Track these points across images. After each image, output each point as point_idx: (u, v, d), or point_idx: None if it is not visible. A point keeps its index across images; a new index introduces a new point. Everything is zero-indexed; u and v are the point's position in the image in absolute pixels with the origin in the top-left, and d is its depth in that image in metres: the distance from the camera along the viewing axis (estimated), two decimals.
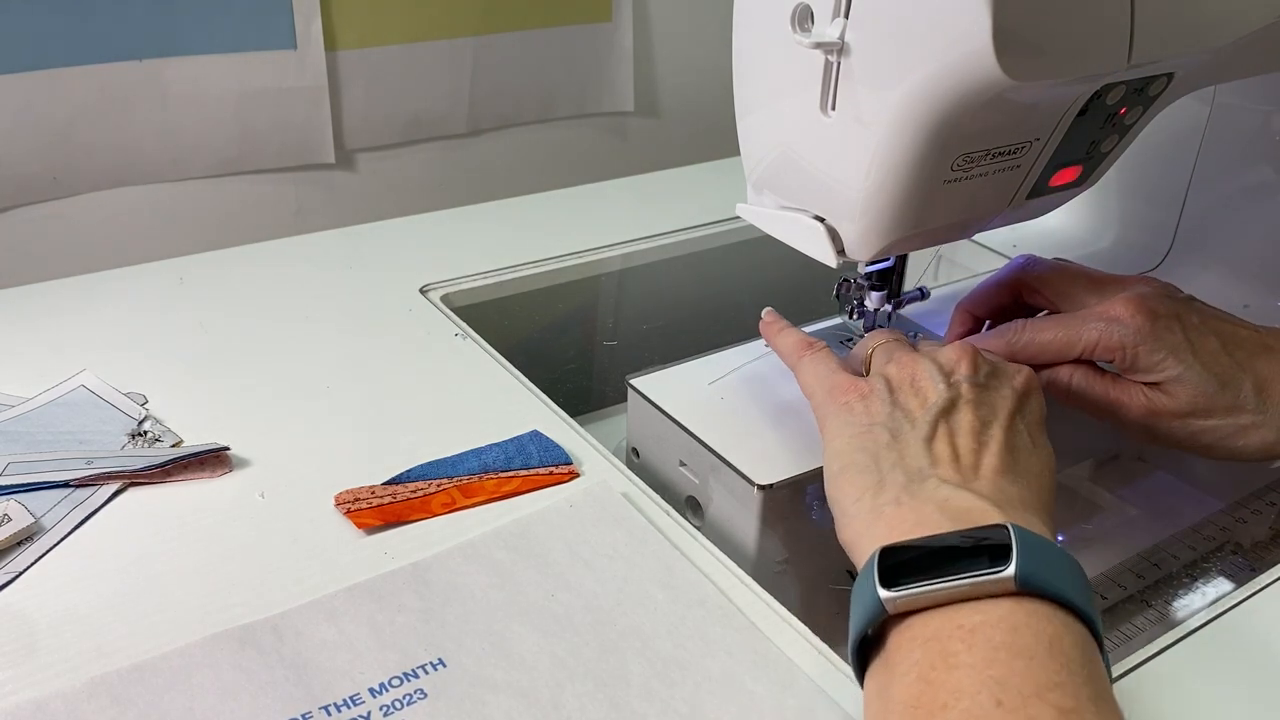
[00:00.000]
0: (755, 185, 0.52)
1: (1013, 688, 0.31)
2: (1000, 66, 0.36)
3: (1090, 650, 0.33)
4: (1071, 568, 0.35)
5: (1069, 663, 0.32)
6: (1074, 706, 0.30)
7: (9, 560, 0.43)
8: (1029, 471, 0.40)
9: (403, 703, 0.37)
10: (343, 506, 0.46)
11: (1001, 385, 0.43)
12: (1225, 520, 0.56)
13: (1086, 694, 0.31)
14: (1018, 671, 0.31)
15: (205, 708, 0.36)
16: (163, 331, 0.60)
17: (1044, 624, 0.33)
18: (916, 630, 0.34)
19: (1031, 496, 0.39)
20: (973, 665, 0.32)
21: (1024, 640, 0.32)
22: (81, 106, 0.85)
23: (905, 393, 0.43)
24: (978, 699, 0.31)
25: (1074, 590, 0.34)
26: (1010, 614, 0.33)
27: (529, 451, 0.50)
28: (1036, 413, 0.44)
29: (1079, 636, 0.33)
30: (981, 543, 0.34)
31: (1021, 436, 0.41)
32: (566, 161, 1.14)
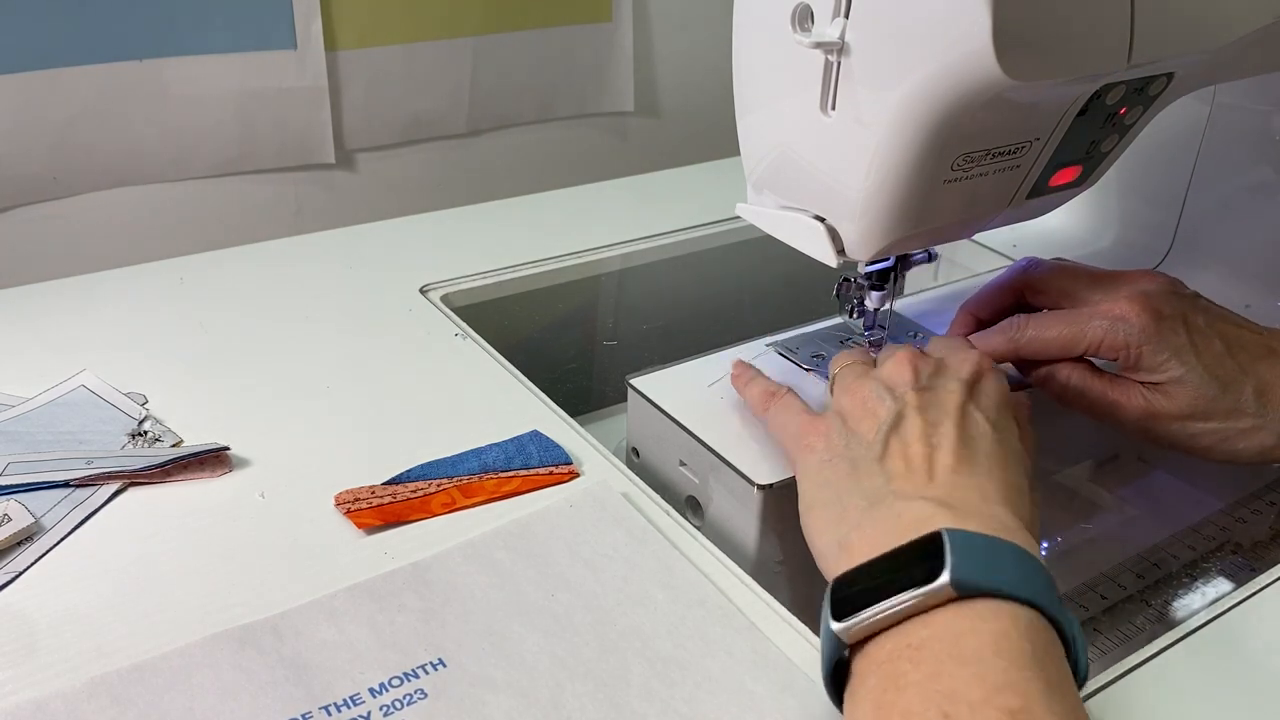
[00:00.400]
0: (755, 185, 0.52)
1: (960, 698, 0.30)
2: (1000, 66, 0.36)
3: (1041, 638, 0.32)
4: (1014, 556, 0.34)
5: (1017, 658, 0.31)
6: (1023, 705, 0.30)
7: (9, 560, 0.43)
8: (990, 456, 0.40)
9: (403, 703, 0.36)
10: (343, 506, 0.46)
11: (947, 381, 0.43)
12: (1225, 520, 0.56)
13: (1037, 689, 0.31)
14: (964, 680, 0.31)
15: (205, 708, 0.36)
16: (163, 331, 0.60)
17: (988, 624, 0.32)
18: (872, 656, 0.34)
19: (993, 484, 0.38)
20: (920, 683, 0.31)
21: (969, 646, 0.32)
22: (81, 106, 0.85)
23: (857, 419, 0.42)
24: (926, 716, 0.30)
25: (1016, 581, 0.33)
26: (953, 622, 0.32)
27: (529, 451, 0.50)
28: (992, 395, 0.43)
29: (1028, 627, 0.32)
30: (922, 554, 0.34)
31: (977, 424, 0.41)
32: (566, 161, 1.14)
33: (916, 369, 0.43)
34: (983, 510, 0.37)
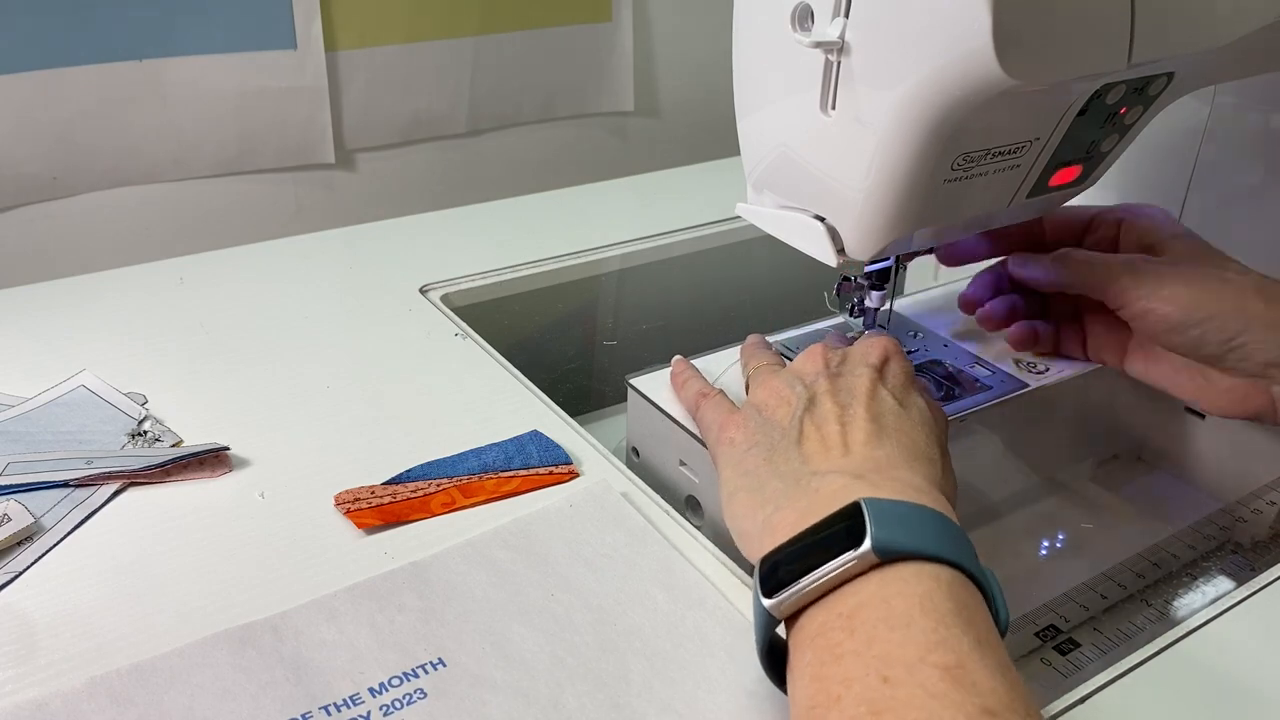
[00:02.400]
0: (755, 185, 0.52)
1: (896, 661, 0.31)
2: (1000, 66, 0.36)
3: (964, 595, 0.33)
4: (930, 519, 0.35)
5: (944, 617, 0.32)
6: (956, 661, 0.31)
7: (9, 560, 0.43)
8: (900, 429, 0.41)
9: (403, 702, 0.36)
10: (343, 506, 0.46)
11: (855, 366, 0.44)
12: (1225, 520, 0.56)
13: (967, 644, 0.31)
14: (897, 643, 0.32)
15: (205, 707, 0.36)
16: (163, 331, 0.60)
17: (913, 586, 0.33)
18: (806, 629, 0.34)
19: (903, 452, 0.39)
20: (856, 651, 0.32)
21: (898, 609, 0.32)
22: (81, 106, 0.85)
23: (772, 408, 0.43)
24: (866, 682, 0.31)
25: (934, 543, 0.34)
26: (881, 587, 0.33)
27: (529, 451, 0.50)
28: (899, 376, 0.44)
29: (951, 586, 0.33)
30: (844, 524, 0.35)
31: (885, 403, 0.42)
32: (566, 161, 1.14)
33: (826, 359, 0.45)
34: (896, 477, 0.38)
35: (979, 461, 0.56)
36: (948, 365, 0.56)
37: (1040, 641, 0.43)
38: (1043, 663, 0.42)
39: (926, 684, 0.30)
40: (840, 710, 0.31)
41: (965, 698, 0.30)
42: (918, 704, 0.30)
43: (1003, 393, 0.54)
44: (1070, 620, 0.44)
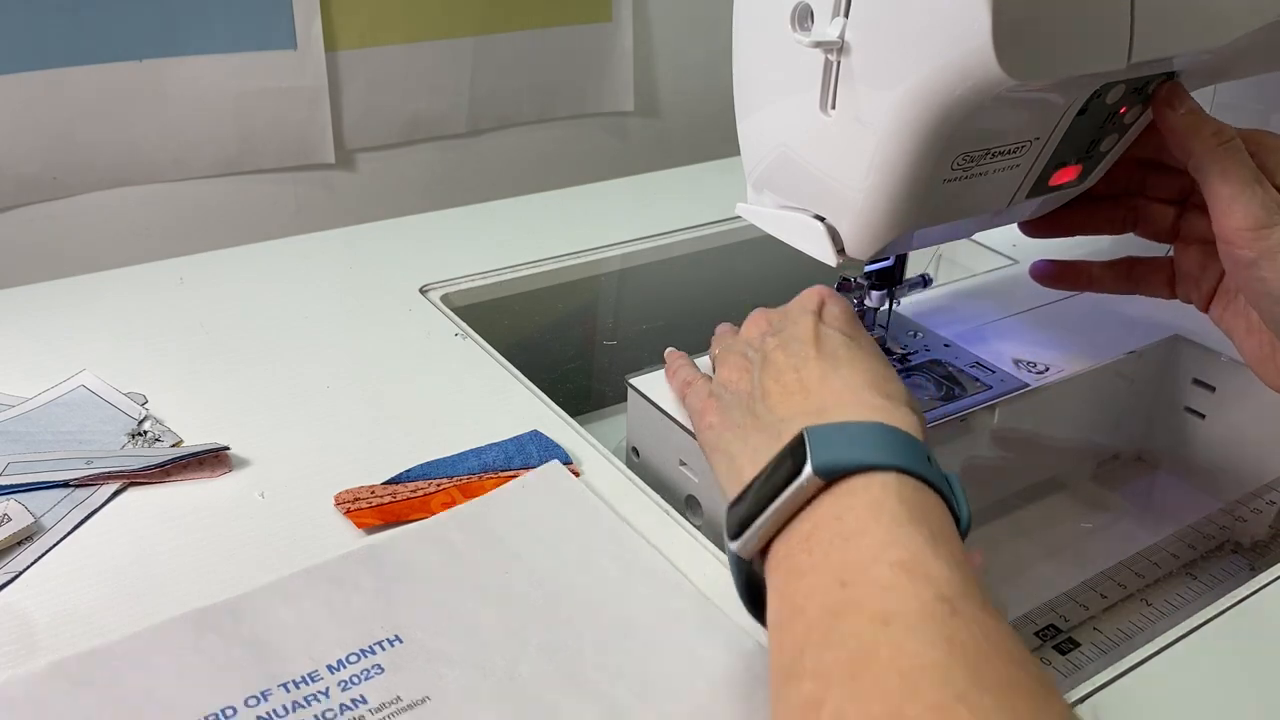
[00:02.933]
0: (755, 185, 0.52)
1: (852, 564, 0.32)
2: (1000, 65, 0.36)
3: (915, 497, 0.34)
4: (873, 432, 0.36)
5: (895, 518, 0.33)
6: (910, 556, 0.32)
7: (9, 560, 0.43)
8: (854, 360, 0.42)
9: (360, 678, 0.37)
10: (342, 506, 0.46)
11: (796, 317, 0.45)
12: (1225, 520, 0.56)
13: (920, 540, 0.32)
14: (853, 549, 0.33)
15: (164, 688, 0.36)
16: (163, 331, 0.60)
17: (862, 497, 0.34)
18: (774, 560, 0.36)
19: (858, 375, 0.41)
20: (815, 566, 0.33)
21: (850, 522, 0.34)
22: (81, 106, 0.85)
23: (735, 383, 0.45)
24: (826, 590, 0.32)
25: (876, 452, 0.35)
26: (833, 504, 0.35)
27: (529, 451, 0.50)
28: (839, 315, 0.45)
29: (900, 490, 0.34)
30: (791, 457, 0.36)
31: (833, 339, 0.43)
32: (566, 161, 1.14)
33: (768, 320, 0.47)
34: (853, 401, 0.39)
35: (979, 461, 0.56)
36: (948, 365, 0.56)
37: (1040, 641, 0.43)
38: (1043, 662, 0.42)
39: (881, 580, 0.31)
40: (804, 619, 0.32)
41: (920, 588, 0.31)
42: (873, 599, 0.31)
43: (1003, 393, 0.54)
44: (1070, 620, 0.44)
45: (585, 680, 0.38)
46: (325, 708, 0.36)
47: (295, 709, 0.36)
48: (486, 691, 0.37)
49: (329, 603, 0.40)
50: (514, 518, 0.45)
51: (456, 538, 0.44)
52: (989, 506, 0.60)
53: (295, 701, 0.36)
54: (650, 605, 0.41)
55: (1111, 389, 0.60)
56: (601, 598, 0.41)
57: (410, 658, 0.38)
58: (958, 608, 0.30)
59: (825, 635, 0.31)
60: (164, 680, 0.37)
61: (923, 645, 0.29)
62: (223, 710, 0.35)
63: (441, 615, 0.40)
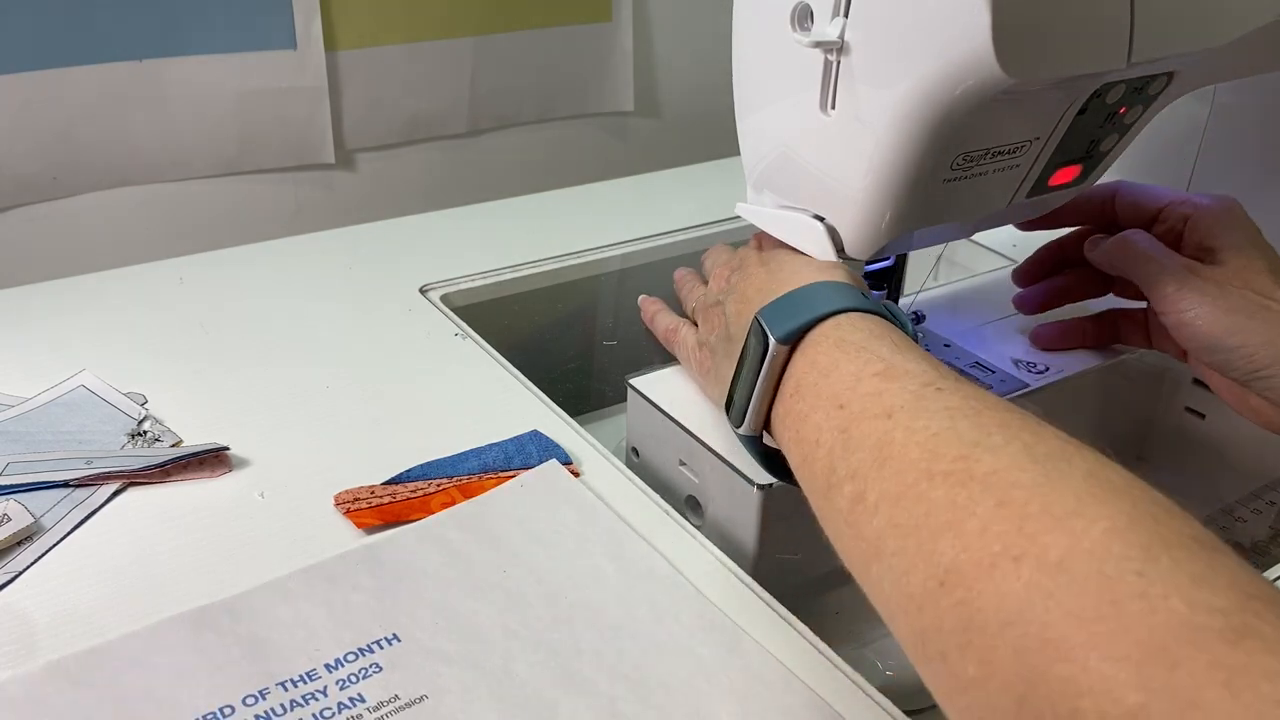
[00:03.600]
0: (755, 185, 0.52)
1: (841, 390, 0.37)
2: (1000, 65, 0.36)
3: (867, 325, 0.40)
4: (813, 291, 0.42)
5: (858, 344, 0.38)
6: (885, 365, 0.37)
7: (9, 560, 0.43)
8: (791, 254, 0.48)
9: (358, 676, 0.37)
10: (342, 506, 0.46)
11: (747, 253, 0.51)
12: (1225, 520, 0.56)
13: (886, 350, 0.38)
14: (836, 380, 0.38)
15: (163, 687, 0.36)
16: (163, 331, 0.60)
17: (824, 343, 0.40)
18: (778, 421, 0.41)
19: (798, 260, 0.46)
20: (812, 405, 0.38)
21: (824, 363, 0.39)
22: (81, 106, 0.85)
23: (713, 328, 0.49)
24: (829, 416, 0.37)
25: (822, 304, 0.41)
26: (805, 357, 0.40)
27: (529, 451, 0.50)
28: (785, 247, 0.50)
29: (853, 323, 0.40)
30: (758, 340, 0.41)
31: (776, 252, 0.49)
32: (566, 161, 1.14)
33: (729, 267, 0.51)
34: (792, 278, 0.44)
35: None
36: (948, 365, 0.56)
37: None
38: None
39: (870, 390, 0.36)
40: (822, 446, 0.37)
41: (905, 383, 0.36)
42: (871, 405, 0.35)
43: (1003, 393, 0.54)
44: None
45: (583, 679, 0.38)
46: (323, 706, 0.36)
47: (293, 707, 0.36)
48: (484, 691, 0.37)
49: (327, 602, 0.40)
50: (513, 517, 0.45)
51: (455, 537, 0.44)
52: None
53: (293, 700, 0.36)
54: (649, 605, 0.41)
55: (1111, 389, 0.60)
56: (600, 597, 0.41)
57: (408, 657, 0.38)
58: (941, 386, 0.35)
59: (845, 446, 0.35)
60: (162, 679, 0.37)
61: (928, 420, 0.33)
62: (221, 709, 0.36)
63: (440, 614, 0.40)
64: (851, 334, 0.39)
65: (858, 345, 0.38)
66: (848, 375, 0.37)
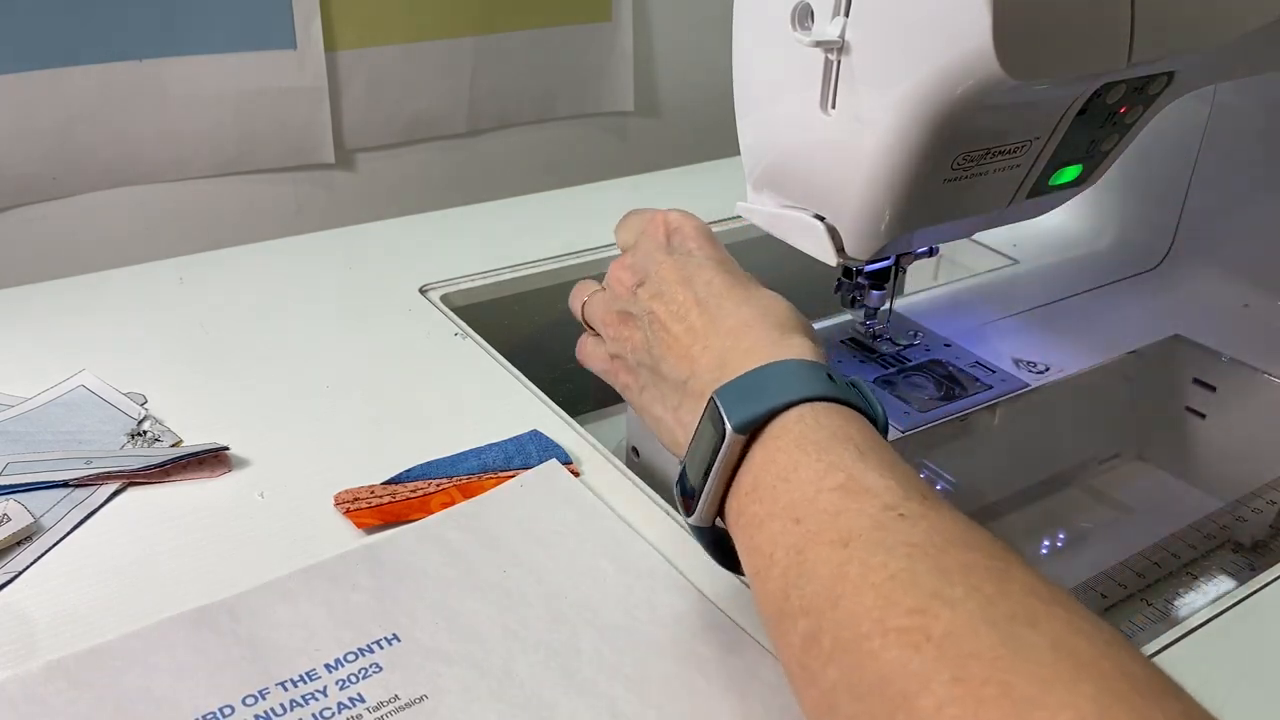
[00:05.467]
0: (755, 184, 0.52)
1: (798, 501, 0.34)
2: (1000, 65, 0.36)
3: (832, 420, 0.36)
4: (774, 374, 0.38)
5: (821, 446, 0.35)
6: (846, 476, 0.34)
7: (9, 560, 0.43)
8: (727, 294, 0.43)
9: (358, 677, 0.37)
10: (342, 506, 0.46)
11: (654, 258, 0.46)
12: (1225, 519, 0.56)
13: (850, 458, 0.34)
14: (794, 487, 0.35)
15: (162, 687, 0.36)
16: (163, 331, 0.60)
17: (785, 438, 0.36)
18: (732, 517, 0.38)
19: (743, 312, 0.42)
20: (769, 512, 0.35)
21: (783, 463, 0.35)
22: (81, 106, 0.85)
23: (628, 340, 0.46)
24: (785, 530, 0.34)
25: (785, 391, 0.37)
26: (762, 453, 0.36)
27: (528, 451, 0.50)
28: (691, 236, 0.47)
29: (817, 417, 0.36)
30: (712, 422, 0.38)
31: (698, 274, 0.44)
32: (566, 161, 1.14)
33: (630, 270, 0.47)
34: (747, 343, 0.40)
35: (979, 461, 0.56)
36: (948, 365, 0.56)
37: None
38: None
39: (828, 507, 0.33)
40: (777, 564, 0.34)
41: (864, 504, 0.33)
42: (828, 527, 0.33)
43: (1003, 392, 0.54)
44: None
45: (583, 679, 0.38)
46: (323, 706, 0.36)
47: (293, 707, 0.36)
48: (484, 690, 0.37)
49: (327, 602, 0.40)
50: (512, 517, 0.45)
51: (455, 537, 0.44)
52: (989, 506, 0.60)
53: (293, 700, 0.36)
54: (649, 605, 0.41)
55: (1111, 389, 0.60)
56: (600, 597, 0.41)
57: (408, 656, 0.38)
58: (904, 511, 0.32)
59: (799, 572, 0.33)
60: (162, 679, 0.37)
61: (885, 557, 0.31)
62: (221, 709, 0.35)
63: (439, 614, 0.40)
64: (815, 431, 0.36)
65: (820, 446, 0.35)
66: (807, 484, 0.34)
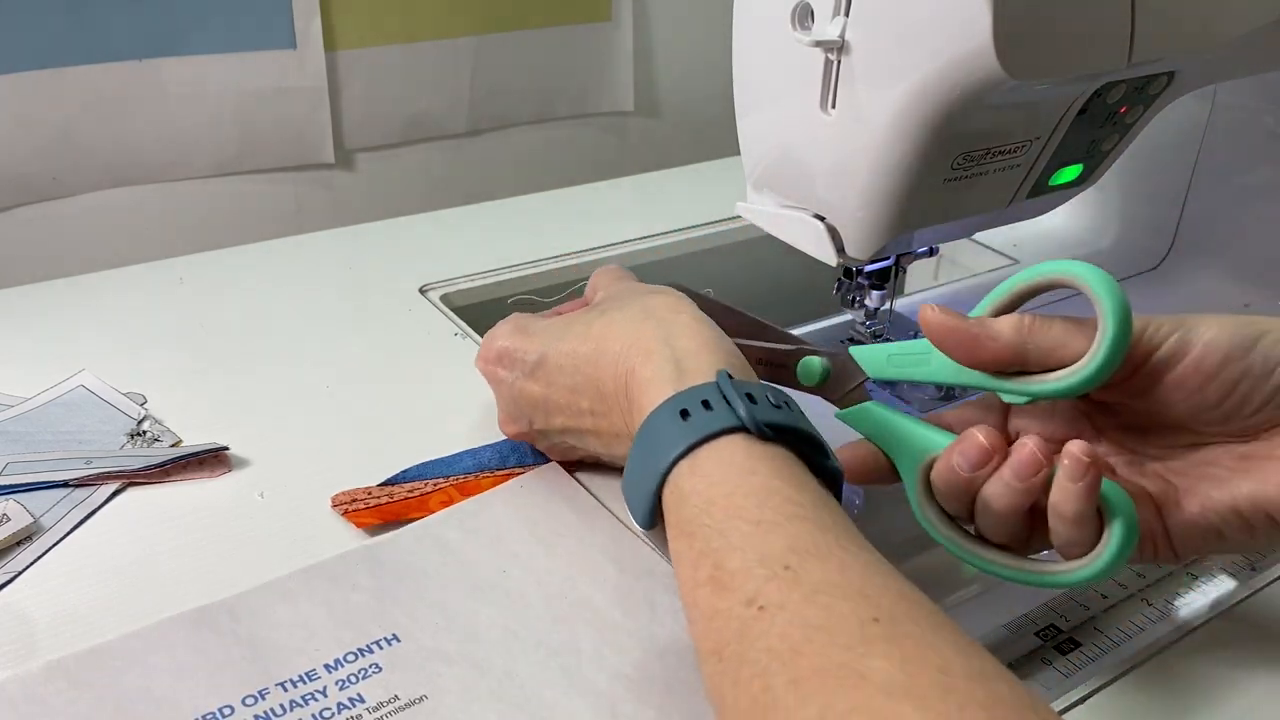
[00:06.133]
0: (755, 184, 0.52)
1: (687, 597, 0.34)
2: (1000, 65, 0.36)
3: (694, 481, 0.35)
4: (645, 443, 0.37)
5: (692, 527, 0.34)
6: (713, 572, 0.32)
7: (8, 560, 0.43)
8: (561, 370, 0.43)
9: (358, 677, 0.37)
10: (340, 508, 0.46)
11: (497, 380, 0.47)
12: None
13: (715, 541, 0.33)
14: (682, 581, 0.34)
15: (162, 687, 0.36)
16: (163, 331, 0.60)
17: (669, 515, 0.35)
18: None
19: (565, 388, 0.43)
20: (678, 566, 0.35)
21: (674, 550, 0.35)
22: (81, 106, 0.85)
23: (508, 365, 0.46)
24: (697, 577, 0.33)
25: (651, 470, 0.36)
26: (670, 511, 0.36)
27: (523, 450, 0.50)
28: (515, 363, 0.46)
29: (685, 488, 0.35)
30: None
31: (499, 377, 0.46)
32: (566, 161, 1.14)
33: (508, 420, 0.48)
34: (638, 406, 0.39)
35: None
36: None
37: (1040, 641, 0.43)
38: (1043, 662, 0.42)
39: (705, 608, 0.32)
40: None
41: (730, 601, 0.31)
42: (704, 634, 0.32)
43: None
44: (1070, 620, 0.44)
45: (583, 679, 0.38)
46: (322, 707, 0.36)
47: (293, 708, 0.36)
48: (484, 691, 0.37)
49: (327, 602, 0.40)
50: (512, 517, 0.45)
51: (454, 537, 0.44)
52: None
53: (293, 700, 0.36)
54: (647, 604, 0.41)
55: None
56: (600, 597, 0.41)
57: (408, 657, 0.38)
58: (764, 603, 0.30)
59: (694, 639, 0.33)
60: (162, 679, 0.36)
61: (750, 670, 0.29)
62: (220, 709, 0.35)
63: (439, 615, 0.40)
64: (681, 508, 0.35)
65: (689, 529, 0.34)
66: (686, 580, 0.34)
